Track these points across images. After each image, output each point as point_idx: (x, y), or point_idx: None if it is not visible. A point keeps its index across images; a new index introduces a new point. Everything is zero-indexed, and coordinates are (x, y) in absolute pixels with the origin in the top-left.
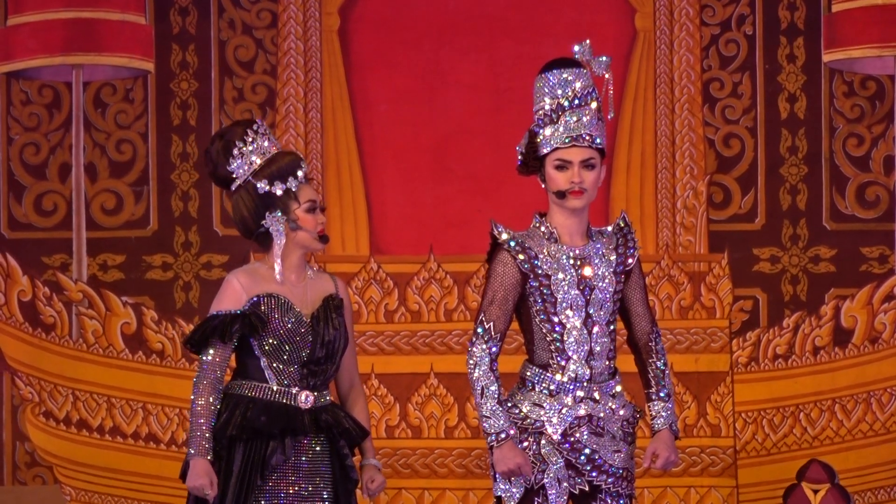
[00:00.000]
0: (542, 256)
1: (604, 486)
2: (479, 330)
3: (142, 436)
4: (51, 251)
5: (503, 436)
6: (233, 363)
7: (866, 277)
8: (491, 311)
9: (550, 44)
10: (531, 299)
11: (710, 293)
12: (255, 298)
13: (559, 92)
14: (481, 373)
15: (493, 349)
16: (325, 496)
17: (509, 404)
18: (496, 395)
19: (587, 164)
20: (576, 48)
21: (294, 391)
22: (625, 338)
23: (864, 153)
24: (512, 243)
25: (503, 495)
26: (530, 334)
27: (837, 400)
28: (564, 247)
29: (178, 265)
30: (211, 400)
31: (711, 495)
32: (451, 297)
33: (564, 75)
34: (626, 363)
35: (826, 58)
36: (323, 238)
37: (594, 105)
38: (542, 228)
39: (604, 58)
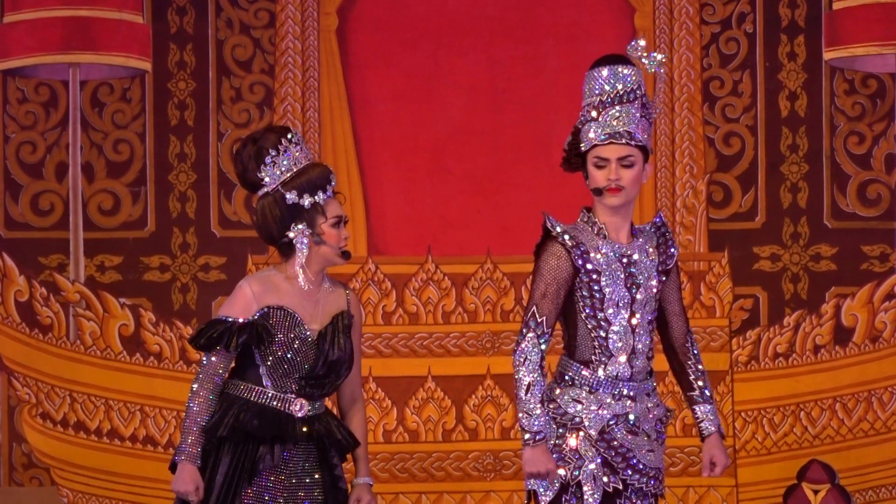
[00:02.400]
0: (592, 252)
1: (636, 485)
2: (532, 324)
3: (139, 438)
4: (48, 251)
5: (539, 437)
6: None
7: (867, 276)
8: (543, 305)
9: (549, 44)
10: (578, 294)
11: (709, 292)
12: (264, 309)
13: (603, 89)
14: (528, 367)
15: (544, 345)
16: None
17: (548, 399)
18: (540, 395)
19: (625, 162)
20: (629, 46)
21: (289, 398)
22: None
23: (865, 151)
24: (566, 237)
25: (538, 489)
26: (574, 329)
27: (838, 399)
28: (613, 243)
29: (175, 267)
30: (207, 405)
31: (710, 495)
32: (449, 300)
33: (609, 72)
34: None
35: (827, 55)
36: (345, 254)
37: (637, 103)
38: (591, 224)
39: (658, 55)
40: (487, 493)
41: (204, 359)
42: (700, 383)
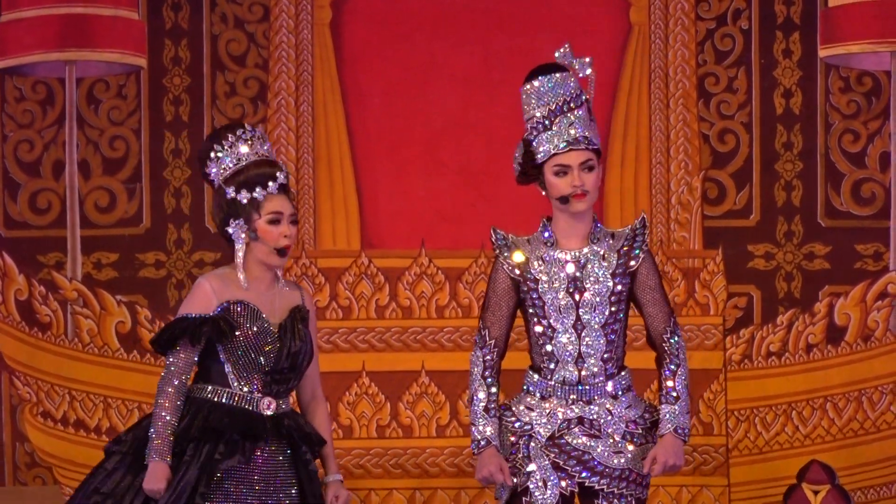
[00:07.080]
0: (533, 261)
1: (595, 487)
2: (476, 336)
3: None
4: (46, 249)
5: (483, 443)
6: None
7: (860, 275)
8: (486, 318)
9: (544, 37)
10: (525, 304)
11: (704, 290)
12: (225, 304)
13: (548, 98)
14: (472, 379)
15: (488, 356)
16: (287, 502)
17: (507, 410)
18: (482, 403)
19: (586, 167)
20: (557, 53)
21: (257, 397)
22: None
23: (860, 149)
24: (502, 250)
25: (497, 496)
26: (529, 339)
27: (830, 398)
28: (560, 251)
29: (170, 263)
30: (176, 403)
31: (703, 494)
32: (443, 294)
33: (550, 81)
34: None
35: (822, 53)
36: (281, 252)
37: (584, 106)
38: (544, 233)
39: (586, 58)
40: (482, 489)
41: (169, 357)
42: (669, 382)
